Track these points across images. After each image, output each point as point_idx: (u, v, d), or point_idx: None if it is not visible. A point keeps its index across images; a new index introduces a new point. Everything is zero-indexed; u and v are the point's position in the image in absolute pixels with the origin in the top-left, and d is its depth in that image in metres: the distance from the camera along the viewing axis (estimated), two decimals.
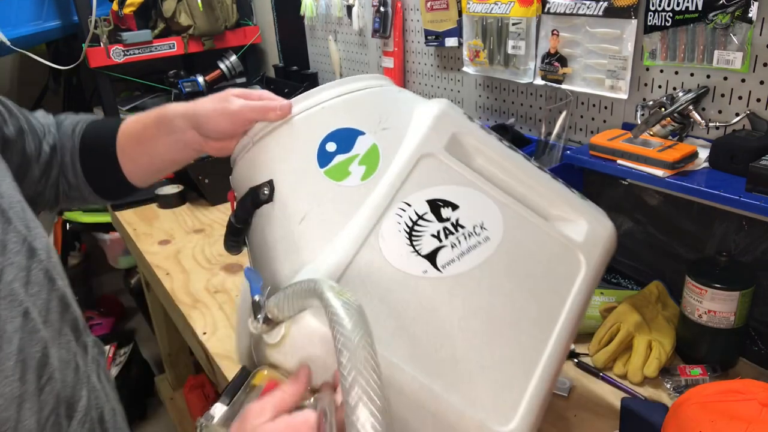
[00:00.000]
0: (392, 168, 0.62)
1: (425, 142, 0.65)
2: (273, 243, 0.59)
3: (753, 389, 0.75)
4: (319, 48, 2.12)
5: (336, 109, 0.65)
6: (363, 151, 0.63)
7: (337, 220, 0.58)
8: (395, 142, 0.64)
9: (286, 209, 0.59)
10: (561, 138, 1.21)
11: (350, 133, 0.63)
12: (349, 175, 0.61)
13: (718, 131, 0.99)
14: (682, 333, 1.04)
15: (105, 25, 1.99)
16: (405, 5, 1.61)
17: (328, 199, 0.59)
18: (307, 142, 0.62)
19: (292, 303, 0.50)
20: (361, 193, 0.60)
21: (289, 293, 0.50)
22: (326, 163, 0.61)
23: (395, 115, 0.67)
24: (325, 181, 0.60)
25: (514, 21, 1.23)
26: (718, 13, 0.91)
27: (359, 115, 0.65)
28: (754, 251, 1.01)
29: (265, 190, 0.60)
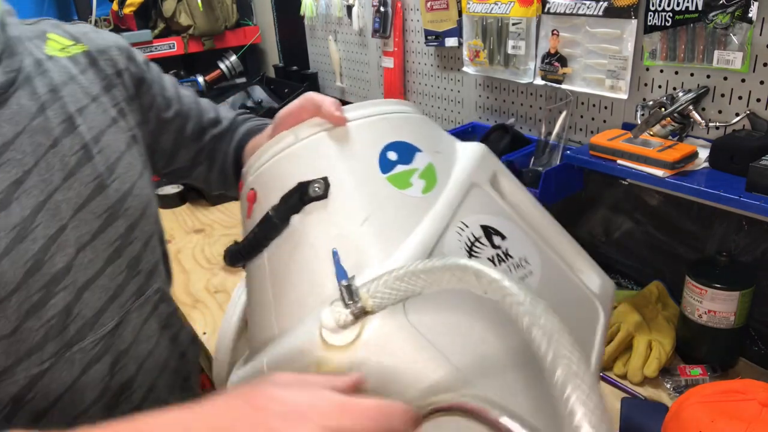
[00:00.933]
0: (450, 187, 0.62)
1: (475, 173, 0.65)
2: (322, 242, 0.56)
3: (753, 389, 0.75)
4: (319, 48, 2.13)
5: (394, 123, 0.65)
6: (422, 167, 0.62)
7: (400, 226, 0.56)
8: (447, 167, 0.64)
9: (344, 208, 0.57)
10: (561, 138, 1.21)
11: (409, 148, 0.63)
12: (411, 186, 0.59)
13: (718, 131, 0.99)
14: (682, 333, 1.04)
15: (105, 25, 2.00)
16: (405, 5, 1.61)
17: (392, 204, 0.57)
18: (369, 147, 0.61)
19: (394, 290, 0.46)
20: (423, 204, 0.58)
21: (388, 279, 0.46)
22: (388, 170, 0.59)
23: (444, 143, 0.68)
24: (388, 187, 0.58)
25: (514, 21, 1.23)
26: (718, 13, 0.91)
27: (415, 134, 0.65)
28: (754, 251, 1.01)
29: (317, 186, 0.57)
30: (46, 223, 0.62)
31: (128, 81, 0.77)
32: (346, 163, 0.59)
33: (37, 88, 0.65)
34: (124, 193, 0.70)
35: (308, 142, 0.61)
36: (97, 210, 0.67)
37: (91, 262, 0.66)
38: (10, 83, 0.63)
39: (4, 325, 0.60)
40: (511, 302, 0.40)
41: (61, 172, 0.64)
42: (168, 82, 0.86)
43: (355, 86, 1.99)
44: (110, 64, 0.76)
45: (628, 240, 1.22)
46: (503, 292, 0.41)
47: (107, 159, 0.69)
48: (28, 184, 0.61)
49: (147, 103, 0.81)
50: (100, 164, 0.68)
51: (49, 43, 0.72)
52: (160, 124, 0.83)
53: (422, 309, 0.50)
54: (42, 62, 0.68)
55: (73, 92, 0.69)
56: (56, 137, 0.64)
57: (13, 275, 0.59)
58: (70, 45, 0.73)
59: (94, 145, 0.68)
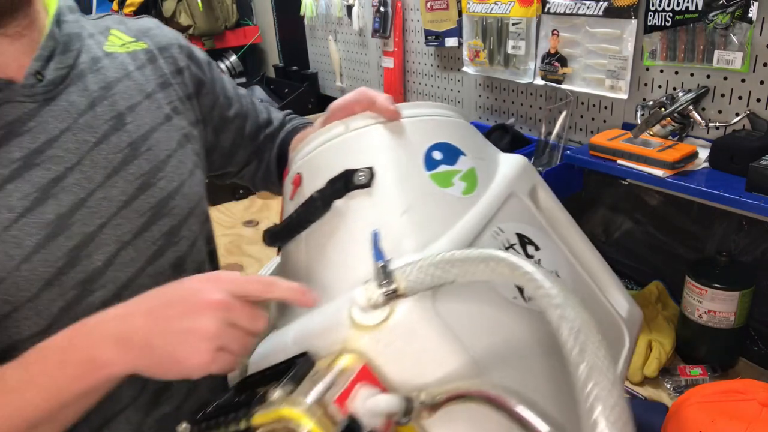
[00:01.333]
0: (489, 192, 0.63)
1: (515, 182, 0.67)
2: (361, 228, 0.57)
3: (753, 389, 0.75)
4: (319, 48, 2.13)
5: (442, 125, 0.67)
6: (464, 169, 0.64)
7: (439, 222, 0.58)
8: (489, 173, 0.66)
9: (387, 198, 0.58)
10: (561, 138, 1.21)
11: (454, 150, 0.65)
12: (453, 186, 0.62)
13: (718, 131, 0.99)
14: (682, 333, 1.04)
15: None
16: (405, 5, 1.61)
17: (432, 201, 0.59)
18: (415, 144, 0.63)
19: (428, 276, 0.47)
20: (463, 204, 0.60)
21: (424, 264, 0.47)
22: (432, 168, 0.62)
23: (487, 151, 0.71)
24: (430, 184, 0.60)
25: (514, 21, 1.23)
26: (718, 13, 0.91)
27: (461, 139, 0.67)
28: (754, 251, 1.01)
29: (362, 175, 0.59)
30: (84, 220, 0.61)
31: (188, 79, 0.77)
32: (392, 156, 0.61)
33: (89, 84, 0.65)
34: (170, 192, 0.69)
35: (358, 133, 0.64)
36: (140, 208, 0.66)
37: (132, 261, 0.65)
38: (61, 80, 0.63)
39: (37, 321, 0.59)
40: (543, 295, 0.41)
41: (104, 170, 0.64)
42: (227, 81, 0.86)
43: (355, 86, 1.98)
44: (171, 62, 0.75)
45: (628, 240, 1.22)
46: (536, 285, 0.41)
47: (155, 157, 0.68)
48: (68, 182, 0.61)
49: (209, 102, 0.81)
50: (146, 162, 0.67)
51: (110, 39, 0.71)
52: (222, 123, 0.83)
53: (448, 298, 0.51)
54: (99, 59, 0.68)
55: (127, 89, 0.68)
56: (103, 134, 0.64)
57: (44, 271, 0.59)
58: (130, 41, 0.73)
59: (142, 143, 0.67)
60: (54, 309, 0.60)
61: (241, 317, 0.49)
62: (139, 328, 0.49)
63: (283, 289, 0.51)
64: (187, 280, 0.52)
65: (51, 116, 0.61)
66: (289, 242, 0.66)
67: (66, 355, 0.50)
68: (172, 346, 0.48)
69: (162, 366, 0.49)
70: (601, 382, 0.36)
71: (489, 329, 0.54)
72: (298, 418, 0.43)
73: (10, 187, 0.58)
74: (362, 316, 0.50)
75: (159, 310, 0.49)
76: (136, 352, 0.49)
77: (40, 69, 0.61)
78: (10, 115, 0.59)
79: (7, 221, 0.57)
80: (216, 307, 0.48)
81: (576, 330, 0.39)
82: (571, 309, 0.40)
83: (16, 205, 0.58)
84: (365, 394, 0.46)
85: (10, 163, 0.58)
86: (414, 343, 0.49)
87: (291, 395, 0.45)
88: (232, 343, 0.49)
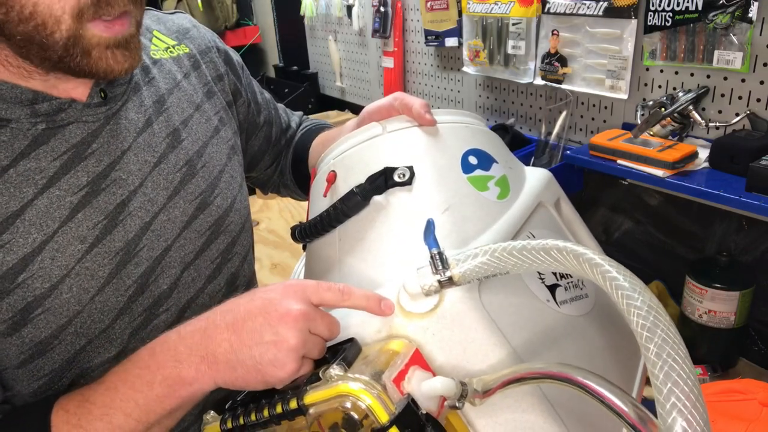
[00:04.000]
0: (521, 199, 0.65)
1: (543, 193, 0.69)
2: (402, 223, 0.59)
3: (753, 389, 0.75)
4: (319, 48, 2.13)
5: (475, 132, 0.69)
6: (497, 176, 0.66)
7: (476, 222, 0.59)
8: (518, 182, 0.69)
9: (427, 196, 0.60)
10: (561, 138, 1.21)
11: (488, 156, 0.67)
12: (489, 189, 0.63)
13: (718, 131, 0.99)
14: (682, 333, 1.03)
15: None
16: (405, 5, 1.61)
17: (470, 202, 0.61)
18: (452, 148, 0.64)
19: (484, 266, 0.47)
20: (498, 208, 0.62)
21: (481, 254, 0.47)
22: (469, 172, 0.63)
23: (514, 162, 0.73)
24: (468, 186, 0.62)
25: (514, 21, 1.23)
26: (718, 13, 0.91)
27: (492, 147, 0.69)
28: (754, 251, 1.01)
29: (402, 173, 0.60)
30: (151, 245, 0.60)
31: (227, 86, 0.76)
32: (430, 157, 0.62)
33: (144, 99, 0.63)
34: (225, 209, 0.68)
35: (396, 134, 0.65)
36: (200, 228, 0.65)
37: (193, 281, 0.65)
38: (119, 97, 0.60)
39: (108, 348, 0.59)
40: (613, 285, 0.41)
41: (165, 191, 0.62)
42: (256, 85, 0.85)
43: (355, 86, 1.99)
44: (212, 67, 0.74)
45: (628, 240, 1.22)
46: (604, 272, 0.41)
47: (210, 174, 0.67)
48: (134, 206, 0.59)
49: (244, 110, 0.80)
50: (203, 180, 0.66)
51: (154, 42, 0.69)
52: (253, 129, 0.83)
53: (492, 293, 0.52)
54: (149, 69, 0.65)
55: (178, 101, 0.67)
56: (162, 153, 0.62)
57: (116, 301, 0.58)
58: (173, 45, 0.71)
59: (198, 160, 0.66)
60: (125, 336, 0.59)
61: (320, 325, 0.48)
62: (222, 342, 0.48)
63: (359, 297, 0.50)
64: (264, 291, 0.50)
65: (112, 136, 0.58)
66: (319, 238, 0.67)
67: (152, 375, 0.49)
68: (258, 359, 0.47)
69: (248, 378, 0.47)
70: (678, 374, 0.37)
71: (526, 325, 0.55)
72: (358, 393, 0.42)
73: (80, 217, 0.55)
74: (411, 303, 0.50)
75: (241, 323, 0.48)
76: (221, 367, 0.48)
77: (104, 86, 0.58)
78: (74, 137, 0.56)
79: (80, 253, 0.55)
80: (297, 317, 0.47)
81: (650, 321, 0.39)
82: (640, 292, 0.40)
83: (87, 234, 0.56)
84: (421, 376, 0.46)
85: (78, 189, 0.56)
86: (461, 333, 0.50)
87: (346, 373, 0.45)
88: (313, 350, 0.48)
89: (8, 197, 0.52)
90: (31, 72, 0.53)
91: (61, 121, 0.55)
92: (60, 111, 0.55)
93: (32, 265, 0.53)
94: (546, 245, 0.44)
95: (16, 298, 0.53)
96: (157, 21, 0.72)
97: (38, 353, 0.55)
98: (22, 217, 0.53)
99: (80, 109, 0.56)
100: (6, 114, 0.53)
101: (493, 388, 0.46)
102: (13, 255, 0.52)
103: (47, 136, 0.55)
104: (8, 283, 0.52)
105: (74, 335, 0.56)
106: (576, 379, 0.41)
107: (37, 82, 0.54)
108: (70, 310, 0.55)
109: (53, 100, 0.54)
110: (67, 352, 0.56)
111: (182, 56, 0.71)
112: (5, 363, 0.55)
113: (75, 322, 0.56)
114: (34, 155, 0.54)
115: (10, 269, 0.52)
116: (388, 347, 0.49)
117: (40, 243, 0.53)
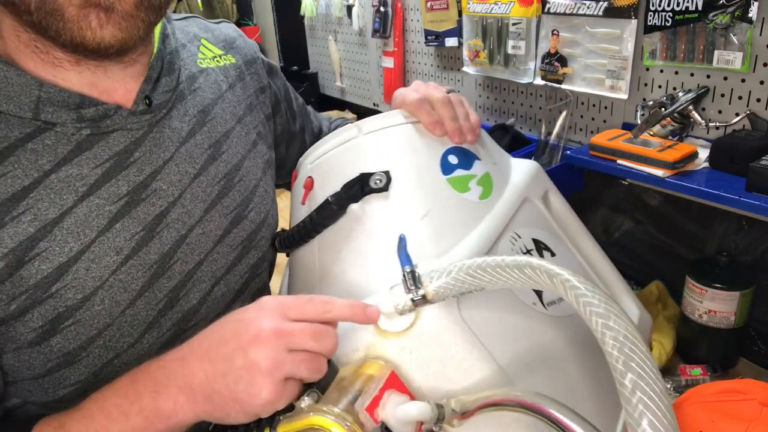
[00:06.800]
0: (505, 197, 0.63)
1: (529, 187, 0.66)
2: (380, 232, 0.57)
3: (753, 389, 0.75)
4: (319, 48, 2.12)
5: None
6: (479, 174, 0.63)
7: (458, 227, 0.57)
8: (503, 178, 0.66)
9: (405, 202, 0.58)
10: (561, 138, 1.21)
11: (469, 154, 0.64)
12: (470, 190, 0.61)
13: (718, 131, 0.99)
14: (682, 333, 1.04)
15: None
16: (405, 5, 1.61)
17: (450, 205, 0.59)
18: (431, 148, 0.62)
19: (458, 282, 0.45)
20: (480, 209, 0.60)
21: (456, 271, 0.45)
22: (449, 173, 0.61)
23: (500, 156, 0.70)
24: (448, 188, 0.60)
25: (514, 21, 1.23)
26: (718, 13, 0.91)
27: (475, 143, 0.67)
28: (754, 251, 1.01)
29: (379, 179, 0.58)
30: (185, 259, 0.59)
31: (268, 99, 0.75)
32: (408, 160, 0.61)
33: (188, 108, 0.62)
34: (258, 224, 0.67)
35: (372, 136, 0.63)
36: (233, 243, 0.64)
37: (223, 296, 0.63)
38: (164, 104, 0.59)
39: (137, 364, 0.57)
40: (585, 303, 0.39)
41: (202, 204, 0.61)
42: (292, 92, 0.83)
43: (355, 86, 1.99)
44: (256, 79, 0.73)
45: (628, 240, 1.22)
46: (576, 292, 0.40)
47: (246, 188, 0.66)
48: (171, 218, 0.58)
49: (283, 121, 0.79)
50: (239, 194, 0.65)
51: (201, 50, 0.68)
52: (291, 138, 0.81)
53: (473, 306, 0.50)
54: (195, 77, 0.64)
55: (222, 113, 0.65)
56: (202, 165, 0.61)
57: (146, 315, 0.56)
58: (220, 54, 0.70)
59: (236, 173, 0.65)
60: (153, 351, 0.58)
61: (303, 340, 0.44)
62: (198, 371, 0.45)
63: (342, 307, 0.47)
64: (240, 312, 0.47)
65: (154, 145, 0.57)
66: (300, 246, 0.65)
67: (129, 405, 0.46)
68: (233, 387, 0.43)
69: (227, 409, 0.44)
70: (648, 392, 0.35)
71: (513, 336, 0.53)
72: (329, 426, 0.42)
73: (118, 227, 0.54)
74: (387, 322, 0.49)
75: (215, 349, 0.45)
76: (199, 398, 0.44)
77: (149, 93, 0.57)
78: (118, 144, 0.55)
79: (115, 264, 0.54)
80: (269, 337, 0.43)
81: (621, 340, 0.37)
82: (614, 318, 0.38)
83: (124, 246, 0.55)
84: (396, 401, 0.45)
85: (118, 198, 0.55)
86: (440, 351, 0.48)
87: (319, 403, 0.44)
88: (298, 370, 0.44)
89: (48, 203, 0.51)
90: (62, 61, 0.51)
91: (106, 127, 0.54)
92: (105, 117, 0.54)
93: (66, 275, 0.52)
94: (520, 262, 0.43)
95: (47, 308, 0.51)
96: (204, 29, 0.72)
97: (65, 363, 0.54)
98: (60, 225, 0.51)
99: (125, 116, 0.55)
100: (52, 117, 0.51)
101: (471, 410, 0.45)
102: (49, 264, 0.51)
103: (91, 143, 0.54)
104: (41, 293, 0.51)
105: (102, 348, 0.55)
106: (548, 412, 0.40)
107: (72, 74, 0.52)
108: (101, 322, 0.54)
109: (99, 105, 0.53)
110: (94, 365, 0.55)
111: (228, 66, 0.70)
112: (25, 374, 0.54)
113: (104, 334, 0.55)
114: (77, 161, 0.53)
115: (45, 278, 0.51)
116: (363, 371, 0.47)
117: (77, 253, 0.52)
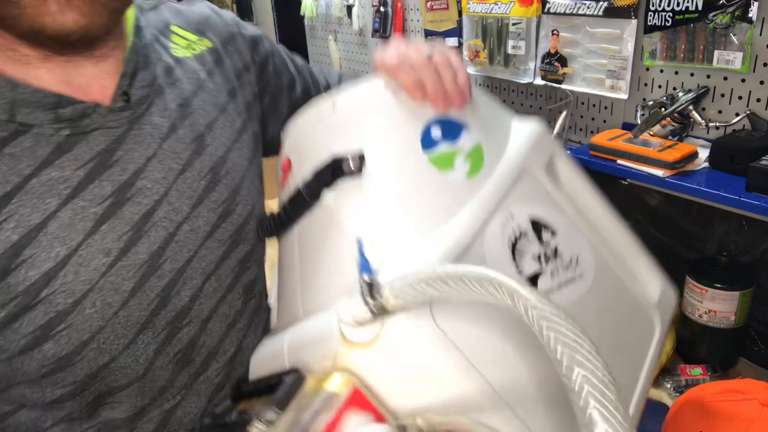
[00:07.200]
0: (498, 172, 0.56)
1: (528, 157, 0.59)
2: (353, 224, 0.52)
3: (753, 389, 0.75)
4: (319, 48, 2.12)
5: None
6: (468, 147, 0.56)
7: (439, 212, 0.51)
8: (498, 148, 0.59)
9: (379, 189, 0.53)
10: (561, 138, 1.21)
11: (454, 125, 0.57)
12: (454, 168, 0.54)
13: (718, 131, 0.99)
14: (682, 333, 1.04)
15: None
16: (405, 5, 1.61)
17: (431, 188, 0.53)
18: (412, 122, 0.56)
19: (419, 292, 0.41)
20: (466, 190, 0.54)
21: (414, 280, 0.41)
22: (430, 148, 0.55)
23: (497, 119, 0.63)
24: (429, 168, 0.53)
25: (514, 21, 1.23)
26: (718, 13, 0.91)
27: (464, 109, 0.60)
28: (754, 251, 1.01)
29: (351, 162, 0.53)
30: (174, 257, 0.58)
31: (254, 77, 0.71)
32: (385, 138, 0.55)
33: (168, 102, 0.59)
34: (246, 217, 0.65)
35: (347, 112, 0.57)
36: (221, 237, 0.62)
37: (215, 291, 0.62)
38: (143, 100, 0.57)
39: (134, 368, 0.57)
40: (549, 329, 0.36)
41: (189, 200, 0.59)
42: (286, 56, 0.79)
43: None
44: (236, 59, 0.69)
45: None
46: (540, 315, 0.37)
47: (232, 181, 0.64)
48: (158, 216, 0.56)
49: (274, 96, 0.75)
50: (226, 188, 0.63)
51: (174, 39, 0.65)
52: (293, 107, 0.75)
53: (454, 315, 0.46)
54: (171, 69, 0.62)
55: (203, 104, 0.63)
56: (186, 160, 0.59)
57: (138, 316, 0.56)
58: (194, 40, 0.66)
59: (222, 166, 0.63)
60: (149, 352, 0.58)
61: None
62: None
63: None
64: None
65: (136, 143, 0.56)
66: (283, 236, 0.62)
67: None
68: None
69: None
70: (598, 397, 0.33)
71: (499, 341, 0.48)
72: None
73: (105, 228, 0.53)
74: (351, 332, 0.45)
75: None
76: None
77: (126, 88, 0.55)
78: (99, 143, 0.53)
79: (104, 266, 0.53)
80: None
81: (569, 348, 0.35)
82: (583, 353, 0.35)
83: (112, 247, 0.53)
84: (355, 422, 0.42)
85: (103, 199, 0.53)
86: (410, 362, 0.45)
87: (273, 426, 0.41)
88: None
89: (30, 209, 0.50)
90: (30, 58, 0.50)
91: (86, 127, 0.53)
92: (84, 116, 0.53)
93: (55, 281, 0.51)
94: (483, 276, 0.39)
95: (38, 314, 0.51)
96: (175, 13, 0.68)
97: (59, 368, 0.54)
98: (45, 230, 0.50)
99: (104, 114, 0.54)
100: (29, 119, 0.50)
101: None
102: (36, 270, 0.50)
103: (71, 143, 0.52)
104: (30, 299, 0.50)
105: (97, 351, 0.54)
106: None
107: (42, 71, 0.51)
108: (93, 326, 0.53)
109: (77, 104, 0.52)
110: (90, 368, 0.55)
111: (204, 53, 0.67)
112: (20, 379, 0.53)
113: (98, 337, 0.54)
114: (58, 163, 0.51)
115: (33, 285, 0.50)
116: (326, 385, 0.44)
117: (64, 257, 0.51)
